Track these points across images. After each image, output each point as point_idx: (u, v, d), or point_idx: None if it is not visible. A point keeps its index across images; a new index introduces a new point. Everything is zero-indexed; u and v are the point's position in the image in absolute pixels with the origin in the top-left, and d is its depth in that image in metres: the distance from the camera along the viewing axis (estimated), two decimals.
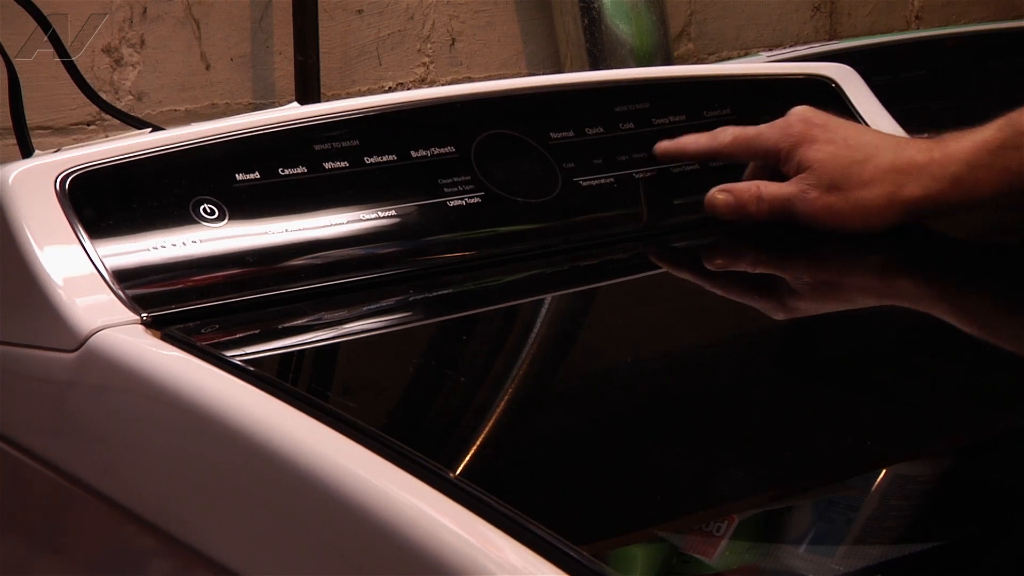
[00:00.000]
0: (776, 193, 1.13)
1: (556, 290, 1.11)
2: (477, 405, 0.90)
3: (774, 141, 1.14)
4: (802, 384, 0.93)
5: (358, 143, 1.08)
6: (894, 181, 1.11)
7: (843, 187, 1.11)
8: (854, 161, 1.12)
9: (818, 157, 1.12)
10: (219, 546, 0.84)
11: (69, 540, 0.99)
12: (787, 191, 1.13)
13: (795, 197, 1.12)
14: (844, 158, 1.12)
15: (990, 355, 0.97)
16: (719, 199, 1.14)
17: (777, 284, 1.12)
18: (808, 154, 1.13)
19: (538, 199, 1.12)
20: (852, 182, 1.11)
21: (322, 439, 0.79)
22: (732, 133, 1.17)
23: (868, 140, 1.14)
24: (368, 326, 1.04)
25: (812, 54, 1.65)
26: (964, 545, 0.77)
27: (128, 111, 1.68)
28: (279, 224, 1.02)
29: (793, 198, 1.12)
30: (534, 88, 1.21)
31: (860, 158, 1.12)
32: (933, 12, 2.51)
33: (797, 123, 1.15)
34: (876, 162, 1.12)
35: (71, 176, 0.99)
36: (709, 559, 0.74)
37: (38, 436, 0.99)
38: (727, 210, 1.14)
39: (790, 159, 1.13)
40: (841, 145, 1.13)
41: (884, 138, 1.15)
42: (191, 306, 0.96)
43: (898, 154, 1.12)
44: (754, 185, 1.14)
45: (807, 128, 1.14)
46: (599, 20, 2.03)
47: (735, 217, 1.14)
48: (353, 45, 2.01)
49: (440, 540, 0.70)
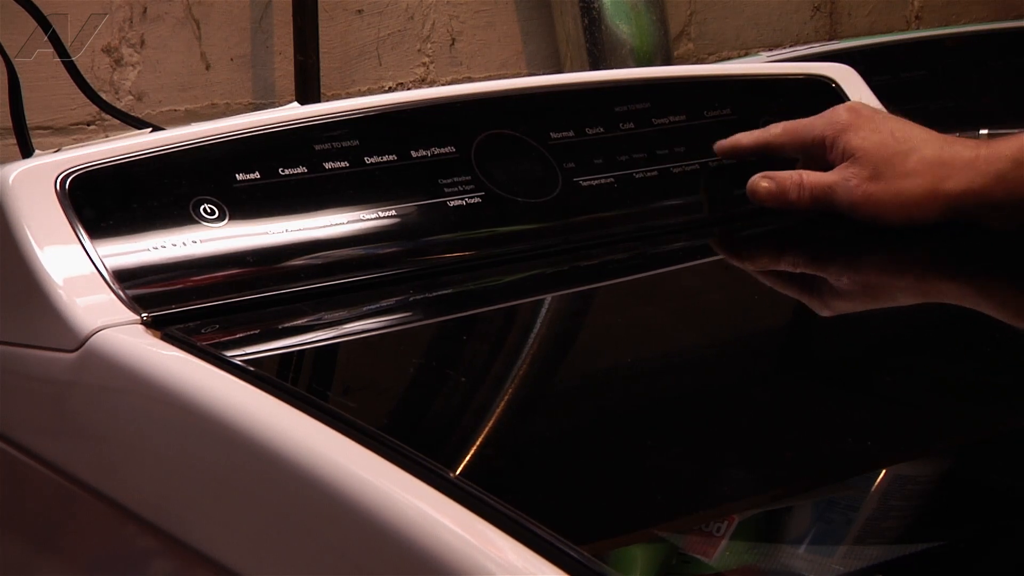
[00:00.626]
0: (818, 181, 1.14)
1: (556, 290, 1.11)
2: (477, 405, 0.90)
3: (820, 129, 1.15)
4: (802, 384, 0.93)
5: (358, 143, 1.08)
6: (937, 174, 1.11)
7: (885, 176, 1.12)
8: (898, 152, 1.12)
9: (862, 145, 1.13)
10: (219, 546, 0.84)
11: (69, 540, 0.99)
12: (829, 179, 1.13)
13: (836, 184, 1.13)
14: (889, 148, 1.12)
15: (990, 355, 0.97)
16: (762, 186, 1.15)
17: (777, 284, 1.12)
18: (853, 142, 1.13)
19: (538, 199, 1.12)
20: (895, 172, 1.11)
21: (322, 439, 0.78)
22: (782, 125, 1.18)
23: (915, 134, 1.14)
24: (368, 326, 1.04)
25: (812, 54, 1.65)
26: (964, 545, 0.77)
27: (128, 111, 1.68)
28: (279, 224, 1.02)
29: (835, 185, 1.13)
30: (534, 88, 1.21)
31: (905, 149, 1.12)
32: (933, 12, 2.51)
33: (844, 112, 1.16)
34: (921, 154, 1.12)
35: (71, 176, 0.99)
36: (709, 559, 0.74)
37: (38, 436, 0.99)
38: (769, 197, 1.15)
39: (835, 146, 1.14)
40: (887, 135, 1.13)
41: (931, 133, 1.15)
42: (191, 306, 0.96)
43: (944, 148, 1.12)
44: (796, 173, 1.15)
45: (854, 117, 1.15)
46: (599, 20, 2.03)
47: (776, 204, 1.15)
48: (353, 45, 2.01)
49: (440, 540, 0.70)
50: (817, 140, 1.16)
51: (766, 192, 1.15)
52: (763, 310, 1.07)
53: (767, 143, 1.18)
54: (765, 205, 1.15)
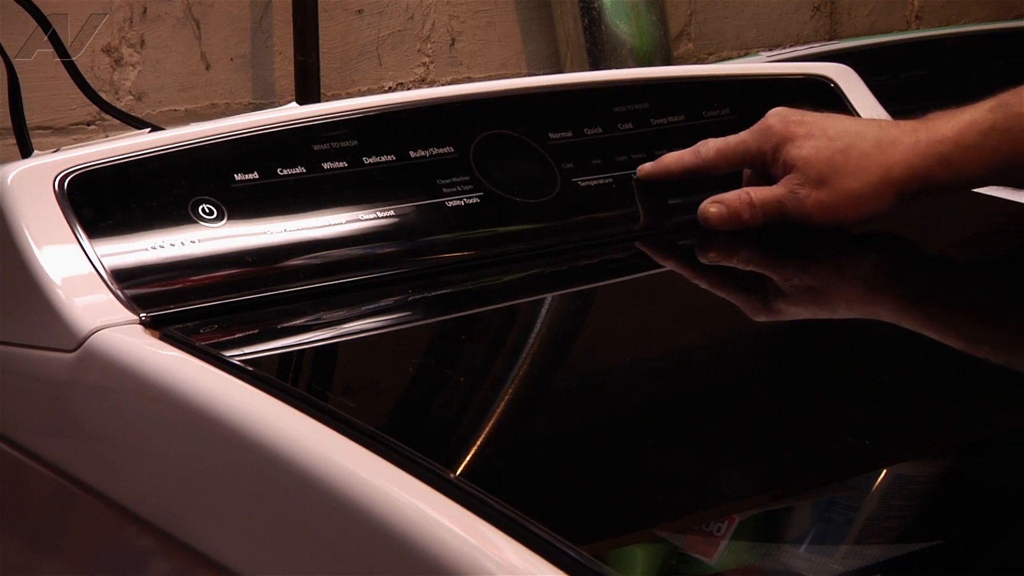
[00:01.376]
0: (766, 197, 1.13)
1: (555, 290, 1.11)
2: (477, 405, 0.90)
3: (757, 146, 1.14)
4: (802, 384, 0.93)
5: (357, 143, 1.08)
6: (880, 165, 1.10)
7: (831, 180, 1.11)
8: (837, 151, 1.11)
9: (801, 155, 1.11)
10: (219, 546, 0.84)
11: (69, 540, 0.99)
12: (776, 193, 1.12)
13: (785, 198, 1.12)
14: (826, 150, 1.11)
15: (990, 355, 0.97)
16: (712, 212, 1.14)
17: (777, 284, 1.12)
18: (791, 152, 1.12)
19: (537, 199, 1.12)
20: (839, 173, 1.10)
21: (322, 439, 0.78)
22: (714, 146, 1.16)
23: (849, 127, 1.13)
24: (367, 326, 1.03)
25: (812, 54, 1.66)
26: (964, 545, 0.77)
27: (128, 111, 1.68)
28: (278, 224, 1.02)
29: (783, 199, 1.12)
30: (534, 88, 1.21)
31: (842, 147, 1.11)
32: (933, 12, 2.51)
33: (776, 124, 1.14)
34: (860, 149, 1.11)
35: (70, 176, 0.99)
36: (709, 559, 0.74)
37: (38, 436, 0.99)
38: (721, 221, 1.13)
39: (776, 161, 1.13)
40: (822, 138, 1.12)
41: (865, 123, 1.15)
42: (190, 306, 0.96)
43: (881, 137, 1.11)
44: (744, 192, 1.14)
45: (785, 127, 1.13)
46: (599, 20, 2.03)
47: (730, 227, 1.14)
48: (353, 45, 2.01)
49: (440, 540, 0.70)
50: (755, 157, 1.14)
51: (717, 217, 1.13)
52: (763, 310, 1.07)
53: (700, 167, 1.16)
54: (718, 229, 1.14)
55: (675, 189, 1.17)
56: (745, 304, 1.08)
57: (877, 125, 1.13)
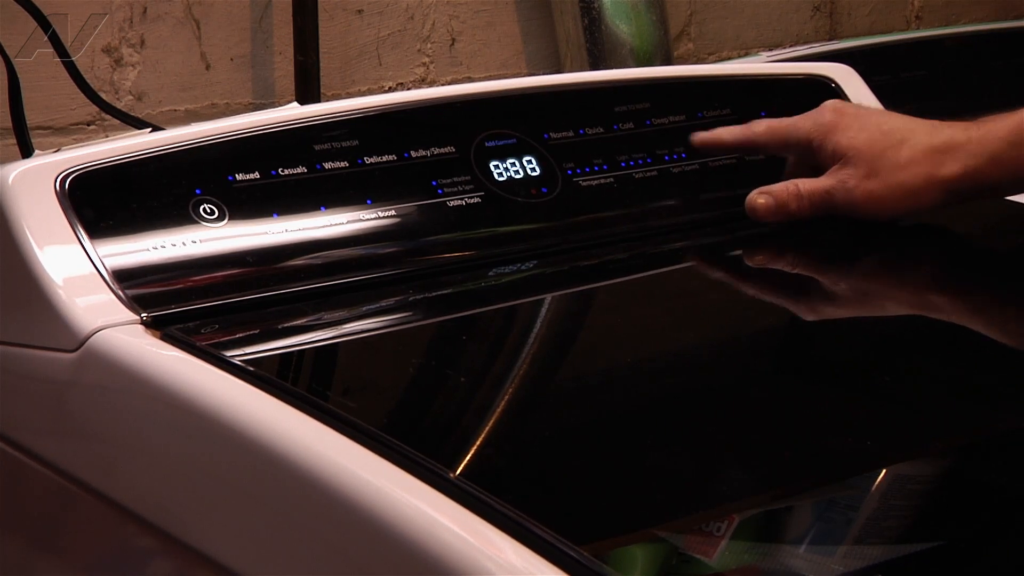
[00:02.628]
0: (815, 187, 1.13)
1: (556, 290, 1.11)
2: (477, 405, 0.90)
3: (807, 131, 1.14)
4: (802, 384, 0.93)
5: (358, 143, 1.08)
6: (932, 161, 1.10)
7: (881, 172, 1.11)
8: (889, 145, 1.11)
9: (853, 144, 1.12)
10: (219, 546, 0.84)
11: (69, 540, 0.99)
12: (825, 184, 1.13)
13: (834, 188, 1.12)
14: (879, 143, 1.11)
15: (990, 355, 0.97)
16: (759, 203, 1.14)
17: (777, 284, 1.12)
18: (842, 142, 1.12)
19: (538, 199, 1.12)
20: (889, 166, 1.11)
21: (322, 439, 0.78)
22: (766, 123, 1.17)
23: (902, 124, 1.13)
24: (368, 326, 1.04)
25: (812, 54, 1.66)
26: (964, 545, 0.77)
27: (128, 111, 1.68)
28: (279, 224, 1.02)
29: (832, 189, 1.12)
30: (534, 88, 1.21)
31: (895, 142, 1.11)
32: (933, 12, 2.51)
33: (829, 112, 1.15)
34: (912, 143, 1.11)
35: (71, 176, 0.99)
36: (709, 559, 0.74)
37: (38, 436, 0.99)
38: (768, 212, 1.14)
39: (823, 149, 1.13)
40: (875, 131, 1.12)
41: (917, 121, 1.15)
42: (191, 306, 0.96)
43: (934, 135, 1.11)
44: (791, 183, 1.14)
45: (838, 117, 1.14)
46: (599, 20, 2.03)
47: (777, 218, 1.14)
48: (353, 45, 2.01)
49: (440, 540, 0.70)
50: (803, 141, 1.15)
51: (765, 208, 1.14)
52: (763, 310, 1.07)
53: (750, 141, 1.17)
54: (765, 220, 1.14)
55: (677, 189, 1.18)
56: (744, 304, 1.08)
57: (930, 125, 1.13)
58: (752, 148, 1.18)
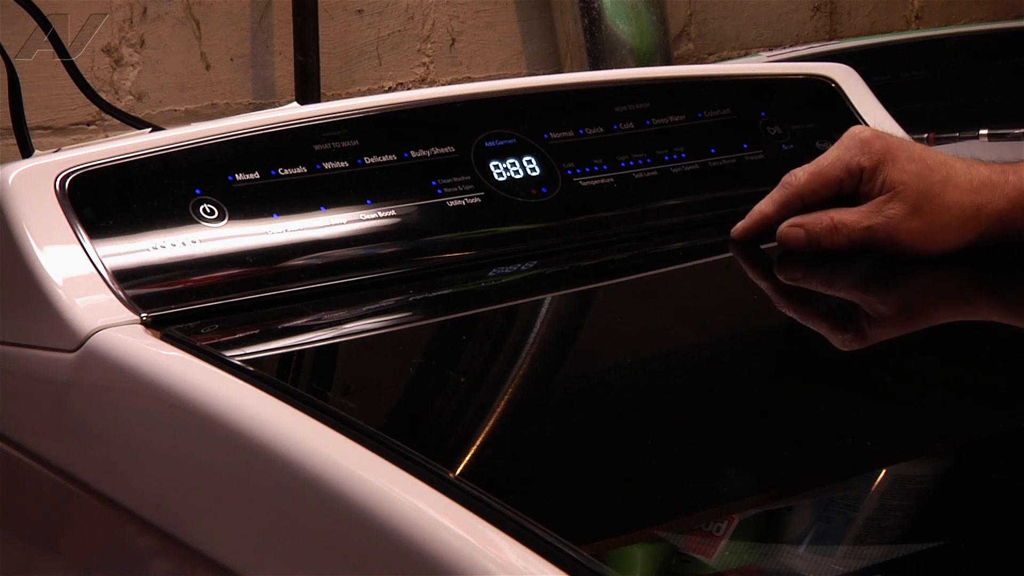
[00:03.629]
0: (854, 224, 1.09)
1: (556, 290, 1.11)
2: (477, 405, 0.90)
3: (855, 161, 1.10)
4: (802, 384, 0.93)
5: (358, 143, 1.08)
6: (973, 203, 1.08)
7: (926, 210, 1.08)
8: (936, 181, 1.08)
9: (902, 178, 1.08)
10: (219, 546, 0.84)
11: (69, 540, 0.99)
12: (867, 221, 1.09)
13: (877, 225, 1.08)
14: (926, 178, 1.08)
15: (990, 355, 0.97)
16: (791, 234, 1.10)
17: (778, 284, 1.12)
18: (893, 174, 1.08)
19: (538, 199, 1.12)
20: (935, 205, 1.08)
21: (322, 439, 0.78)
22: (804, 171, 1.12)
23: (943, 159, 1.10)
24: (368, 326, 1.04)
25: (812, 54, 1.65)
26: (964, 545, 0.77)
27: (128, 111, 1.68)
28: (279, 224, 1.02)
29: (875, 226, 1.08)
30: (534, 88, 1.21)
31: (940, 178, 1.08)
32: (933, 12, 2.51)
33: (874, 140, 1.10)
34: (955, 182, 1.08)
35: (71, 176, 0.99)
36: (709, 559, 0.74)
37: (38, 436, 0.99)
38: (799, 245, 1.10)
39: (874, 179, 1.09)
40: (921, 164, 1.09)
41: (954, 159, 1.11)
42: (191, 306, 0.96)
43: (972, 174, 1.09)
44: (826, 216, 1.10)
45: (886, 146, 1.10)
46: (599, 20, 2.03)
47: (809, 249, 1.10)
48: (353, 45, 2.01)
49: (440, 540, 0.70)
50: (852, 172, 1.10)
51: (795, 240, 1.10)
52: (763, 310, 1.07)
53: (795, 197, 1.11)
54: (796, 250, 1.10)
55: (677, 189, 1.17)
56: (744, 304, 1.08)
57: (965, 163, 1.10)
58: (800, 202, 1.11)
